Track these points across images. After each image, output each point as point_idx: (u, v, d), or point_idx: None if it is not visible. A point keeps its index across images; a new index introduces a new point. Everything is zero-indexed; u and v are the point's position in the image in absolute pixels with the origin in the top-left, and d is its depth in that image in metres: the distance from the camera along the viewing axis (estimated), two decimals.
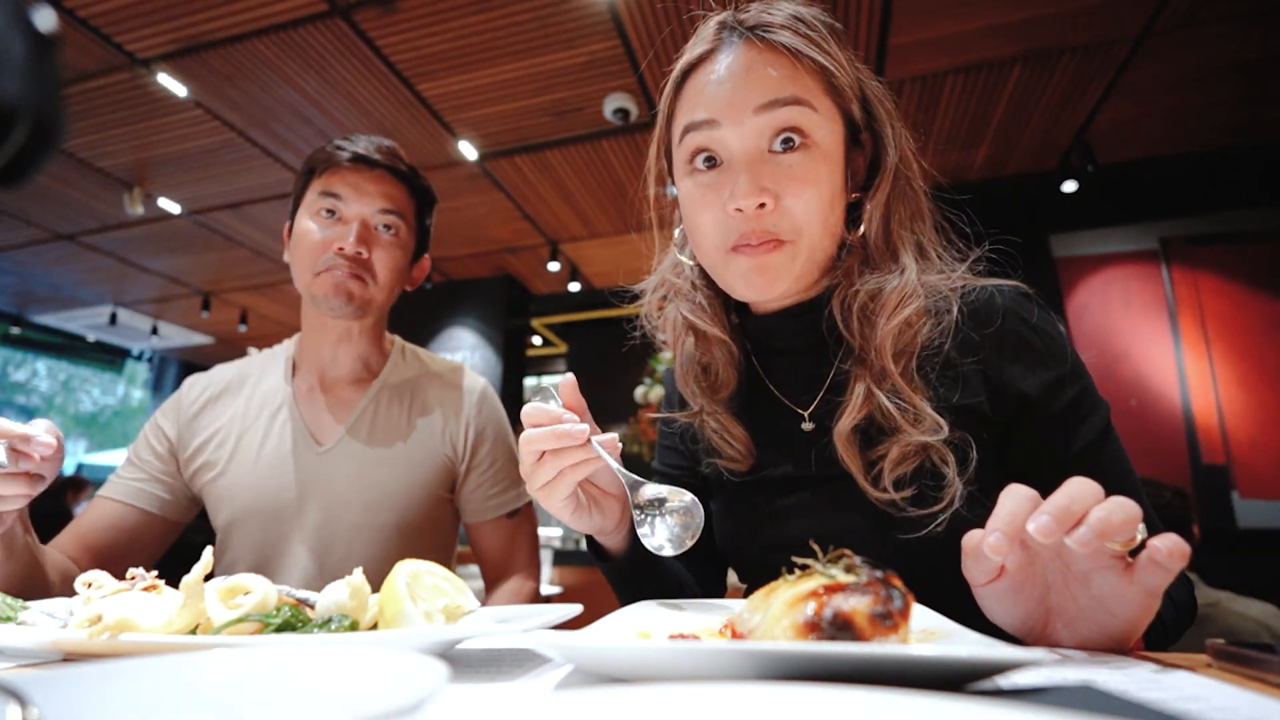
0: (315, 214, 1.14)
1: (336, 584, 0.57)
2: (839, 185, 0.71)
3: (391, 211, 1.16)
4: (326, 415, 1.17)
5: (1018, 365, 0.70)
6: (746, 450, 0.80)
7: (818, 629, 0.38)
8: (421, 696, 0.24)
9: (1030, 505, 0.46)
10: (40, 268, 5.85)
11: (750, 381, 0.83)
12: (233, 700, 0.30)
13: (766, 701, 0.24)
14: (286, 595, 0.57)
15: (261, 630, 0.52)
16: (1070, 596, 0.49)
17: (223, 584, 0.55)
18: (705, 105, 0.70)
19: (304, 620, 0.54)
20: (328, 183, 1.14)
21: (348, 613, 0.55)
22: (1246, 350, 4.04)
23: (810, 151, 0.68)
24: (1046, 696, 0.35)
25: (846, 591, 0.39)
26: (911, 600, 0.39)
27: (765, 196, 0.67)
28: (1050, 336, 0.72)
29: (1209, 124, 3.83)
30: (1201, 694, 0.35)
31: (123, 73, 3.36)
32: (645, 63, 3.30)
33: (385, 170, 1.16)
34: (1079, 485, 0.46)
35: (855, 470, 0.69)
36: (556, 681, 0.46)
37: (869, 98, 0.73)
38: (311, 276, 1.14)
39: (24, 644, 0.48)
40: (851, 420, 0.69)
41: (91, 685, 0.28)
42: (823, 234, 0.71)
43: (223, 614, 0.52)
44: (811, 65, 0.68)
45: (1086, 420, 0.70)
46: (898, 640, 0.37)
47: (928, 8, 2.96)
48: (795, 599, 0.40)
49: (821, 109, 0.69)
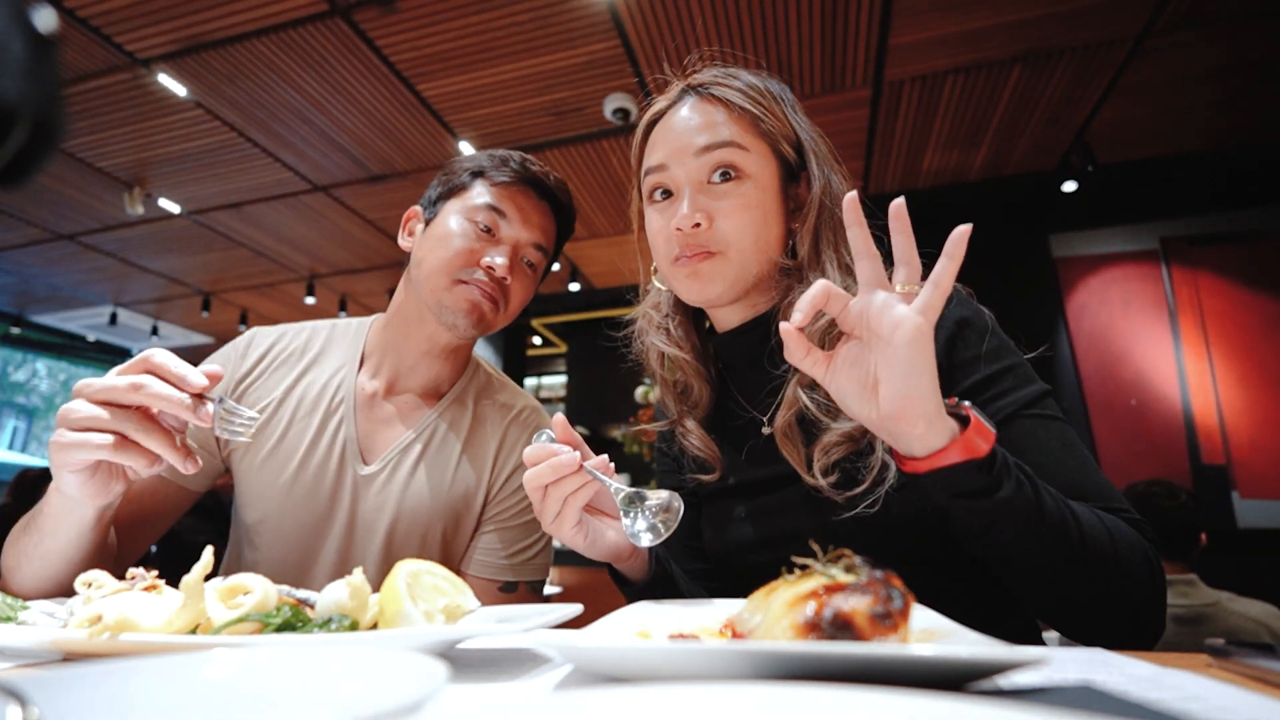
0: (471, 220, 1.07)
1: (336, 584, 0.57)
2: (772, 211, 0.84)
3: (541, 247, 1.11)
4: (382, 431, 1.09)
5: (938, 338, 0.76)
6: (715, 458, 0.90)
7: (818, 629, 0.38)
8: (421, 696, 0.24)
9: (822, 290, 0.60)
10: (40, 268, 5.85)
11: (721, 395, 0.95)
12: (233, 700, 0.30)
13: (767, 702, 0.24)
14: (287, 595, 0.57)
15: (261, 630, 0.52)
16: (881, 354, 0.58)
17: (223, 584, 0.55)
18: (660, 152, 0.87)
19: (304, 620, 0.54)
20: (498, 196, 1.08)
21: (348, 613, 0.55)
22: (1246, 350, 4.04)
23: (742, 182, 0.83)
24: (1046, 696, 0.35)
25: (846, 591, 0.39)
26: (912, 600, 0.39)
27: (700, 217, 0.81)
28: (968, 322, 0.78)
29: (1209, 124, 3.83)
30: (1201, 694, 0.35)
31: (123, 73, 3.37)
32: (645, 63, 3.31)
33: (550, 204, 1.12)
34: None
35: (795, 463, 0.79)
36: (556, 681, 0.46)
37: (801, 141, 0.87)
38: (448, 282, 1.05)
39: (24, 644, 0.48)
40: (783, 418, 0.80)
41: (91, 685, 0.28)
42: (753, 249, 0.83)
43: (223, 614, 0.52)
44: (744, 114, 0.84)
45: (1002, 396, 0.74)
46: (897, 640, 0.37)
47: (928, 8, 2.96)
48: (795, 599, 0.40)
49: (753, 149, 0.83)
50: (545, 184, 1.10)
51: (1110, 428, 4.15)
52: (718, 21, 3.03)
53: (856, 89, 3.52)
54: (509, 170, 1.08)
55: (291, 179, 4.41)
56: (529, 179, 1.09)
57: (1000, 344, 0.77)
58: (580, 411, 6.69)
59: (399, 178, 4.41)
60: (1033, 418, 0.73)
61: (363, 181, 4.45)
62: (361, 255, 5.66)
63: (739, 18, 2.99)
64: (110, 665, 0.29)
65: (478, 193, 1.08)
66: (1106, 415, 4.16)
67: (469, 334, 1.07)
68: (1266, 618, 1.75)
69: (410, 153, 4.12)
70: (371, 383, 1.11)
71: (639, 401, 3.26)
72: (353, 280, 6.21)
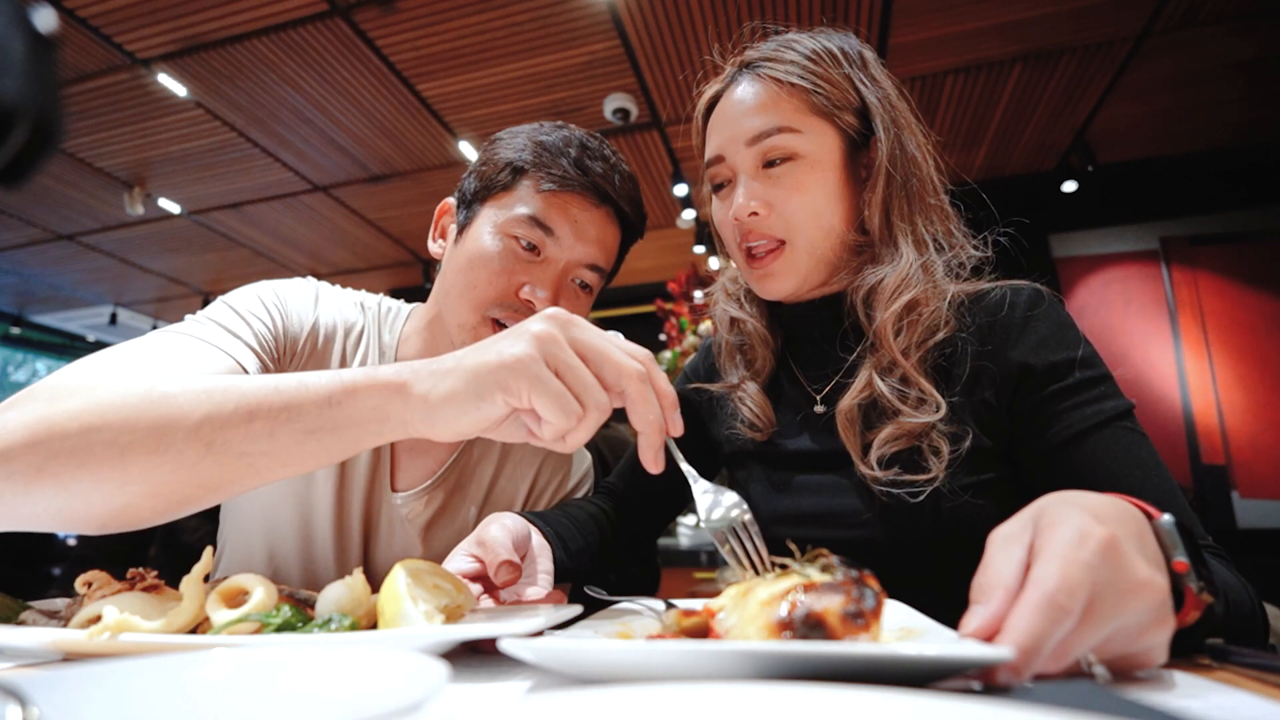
0: (511, 236, 0.86)
1: (336, 584, 0.57)
2: (834, 188, 0.80)
3: (597, 268, 0.90)
4: (415, 456, 0.96)
5: (1022, 346, 0.74)
6: (768, 423, 0.88)
7: (790, 628, 0.38)
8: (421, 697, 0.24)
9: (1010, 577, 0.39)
10: (40, 268, 5.84)
11: (780, 364, 0.94)
12: (232, 700, 0.30)
13: (753, 701, 0.24)
14: (286, 595, 0.57)
15: (261, 630, 0.51)
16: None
17: (224, 584, 0.55)
18: (714, 143, 0.85)
19: (304, 620, 0.54)
20: (545, 208, 0.85)
21: (347, 612, 0.55)
22: (1246, 350, 4.04)
23: (796, 163, 0.79)
24: (1043, 693, 0.35)
25: (820, 591, 0.39)
26: (884, 599, 0.40)
27: (757, 205, 0.80)
28: (1059, 323, 0.75)
29: (1209, 124, 3.83)
30: (1201, 693, 0.35)
31: (123, 73, 3.36)
32: (645, 63, 3.31)
33: (615, 211, 0.90)
34: (990, 566, 0.40)
35: (851, 447, 0.76)
36: (555, 682, 0.46)
37: (867, 106, 0.81)
38: (478, 319, 0.86)
39: (24, 644, 0.48)
40: (852, 400, 0.76)
41: (92, 685, 0.28)
42: (818, 231, 0.80)
43: (223, 614, 0.52)
44: (795, 90, 0.79)
45: (1096, 402, 0.70)
46: (869, 639, 0.37)
47: (928, 8, 2.96)
48: (770, 599, 0.41)
49: (807, 128, 0.79)
50: (606, 190, 0.87)
51: None
52: (718, 21, 3.03)
53: None
54: (560, 169, 0.86)
55: (291, 179, 4.41)
56: (591, 185, 0.86)
57: (1094, 352, 0.74)
58: None
59: (399, 178, 4.41)
60: (1125, 429, 0.69)
61: (363, 181, 4.45)
62: (361, 255, 5.66)
63: (739, 18, 2.99)
64: (110, 665, 0.29)
65: (520, 198, 0.86)
66: None
67: None
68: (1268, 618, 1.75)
69: (410, 153, 4.12)
70: None
71: None
72: (353, 280, 6.19)
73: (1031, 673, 0.35)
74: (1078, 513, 0.40)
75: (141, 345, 0.70)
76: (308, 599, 0.58)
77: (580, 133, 0.92)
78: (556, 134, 0.90)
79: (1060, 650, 0.36)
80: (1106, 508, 0.42)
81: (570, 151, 0.87)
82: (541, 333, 0.53)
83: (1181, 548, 0.43)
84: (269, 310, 0.86)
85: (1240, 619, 0.56)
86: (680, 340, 3.08)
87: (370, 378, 0.56)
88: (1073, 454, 0.69)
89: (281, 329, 0.87)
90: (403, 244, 5.40)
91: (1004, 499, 0.72)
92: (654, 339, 3.51)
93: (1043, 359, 0.72)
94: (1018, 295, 0.77)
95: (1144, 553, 0.40)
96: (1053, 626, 0.35)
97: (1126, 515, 0.43)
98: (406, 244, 5.38)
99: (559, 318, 0.55)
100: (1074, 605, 0.35)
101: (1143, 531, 0.43)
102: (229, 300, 0.84)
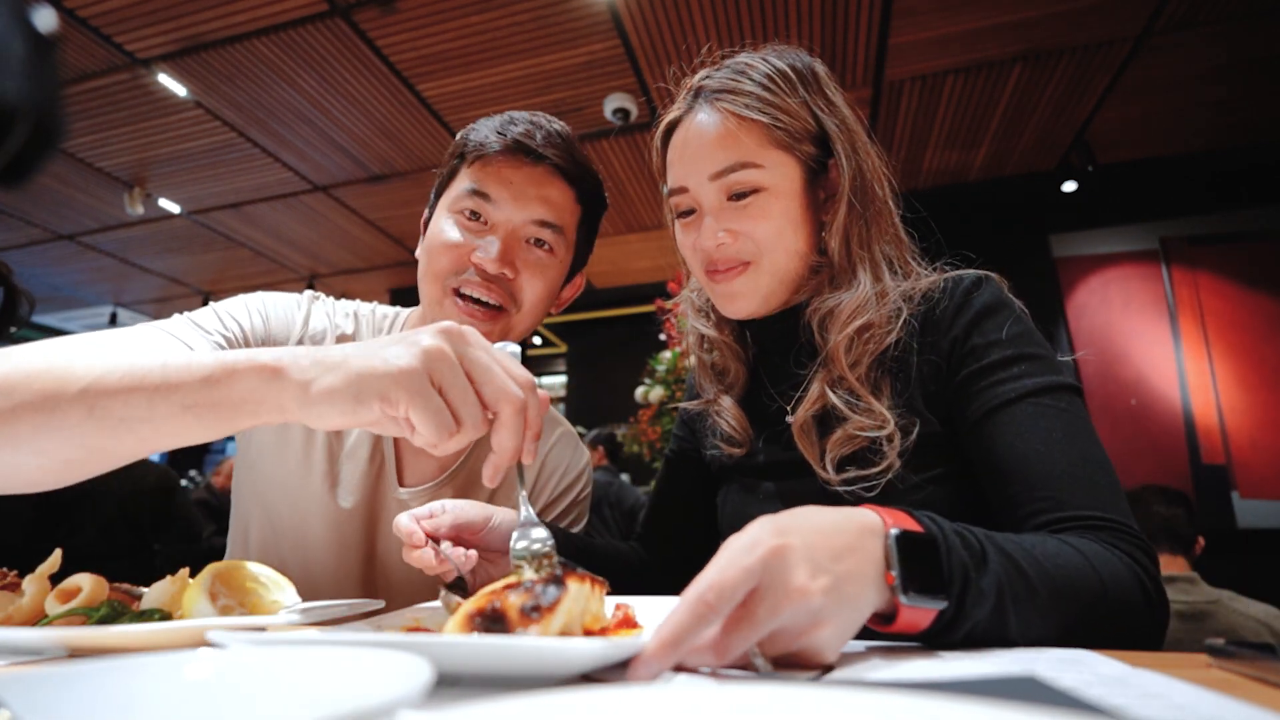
0: (457, 212, 0.92)
1: (162, 581, 0.64)
2: (796, 215, 0.82)
3: (548, 224, 0.92)
4: (419, 455, 0.98)
5: (954, 329, 0.76)
6: (745, 436, 0.91)
7: (479, 618, 0.42)
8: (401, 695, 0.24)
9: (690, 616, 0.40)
10: (40, 268, 5.85)
11: (752, 376, 0.95)
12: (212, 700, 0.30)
13: (753, 702, 0.24)
14: (123, 591, 0.65)
15: (86, 622, 0.58)
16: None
17: (63, 584, 0.63)
18: (678, 175, 0.85)
19: (124, 611, 0.61)
20: (478, 176, 0.91)
21: (165, 607, 0.62)
22: (1246, 350, 4.04)
23: (761, 195, 0.81)
24: (985, 687, 0.37)
25: (514, 589, 0.43)
26: (564, 596, 0.42)
27: (724, 236, 0.81)
28: (992, 305, 0.76)
29: (1209, 124, 3.83)
30: (1163, 692, 0.35)
31: (123, 73, 3.37)
32: (645, 63, 3.31)
33: (551, 166, 0.92)
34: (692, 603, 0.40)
35: (809, 456, 0.80)
36: None
37: (827, 134, 0.82)
38: (440, 293, 0.92)
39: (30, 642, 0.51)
40: (805, 412, 0.80)
41: (67, 686, 0.28)
42: (783, 255, 0.82)
43: (55, 608, 0.60)
44: (754, 126, 0.80)
45: (1012, 380, 0.71)
46: (539, 631, 0.41)
47: (928, 8, 2.96)
48: (483, 596, 0.44)
49: (768, 162, 0.80)
50: (532, 145, 0.90)
51: (1110, 428, 4.14)
52: (718, 21, 3.03)
53: (856, 89, 3.52)
54: (484, 139, 0.91)
55: (291, 179, 4.41)
56: (514, 144, 0.89)
57: (1023, 332, 0.74)
58: (580, 411, 6.68)
59: (399, 178, 4.41)
60: (1036, 405, 0.68)
61: (363, 181, 4.45)
62: (361, 255, 5.66)
63: (739, 18, 2.99)
64: (87, 665, 0.29)
65: (461, 177, 0.93)
66: (1106, 415, 4.16)
67: None
68: (1268, 618, 1.75)
69: (410, 153, 4.12)
70: None
71: (639, 401, 3.26)
72: (353, 280, 6.21)
73: (671, 663, 0.39)
74: (765, 524, 0.44)
75: (107, 332, 0.76)
76: (138, 594, 0.66)
77: (515, 112, 0.96)
78: (496, 118, 0.95)
79: (722, 646, 0.40)
80: (815, 521, 0.46)
81: (495, 125, 0.93)
82: (430, 347, 0.54)
83: (896, 561, 0.47)
84: (250, 316, 0.91)
85: (1041, 607, 0.53)
86: (680, 340, 3.08)
87: (250, 359, 0.56)
88: (980, 432, 0.71)
89: (262, 333, 0.90)
90: (403, 244, 5.40)
91: (960, 488, 0.74)
92: (654, 339, 3.51)
93: (969, 340, 0.75)
94: (959, 283, 0.79)
95: (815, 562, 0.43)
96: (697, 622, 0.39)
97: (841, 529, 0.47)
98: (406, 244, 5.38)
99: (452, 332, 0.57)
100: (721, 605, 0.39)
101: (857, 545, 0.47)
102: (216, 304, 0.91)
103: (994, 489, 0.70)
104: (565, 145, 0.94)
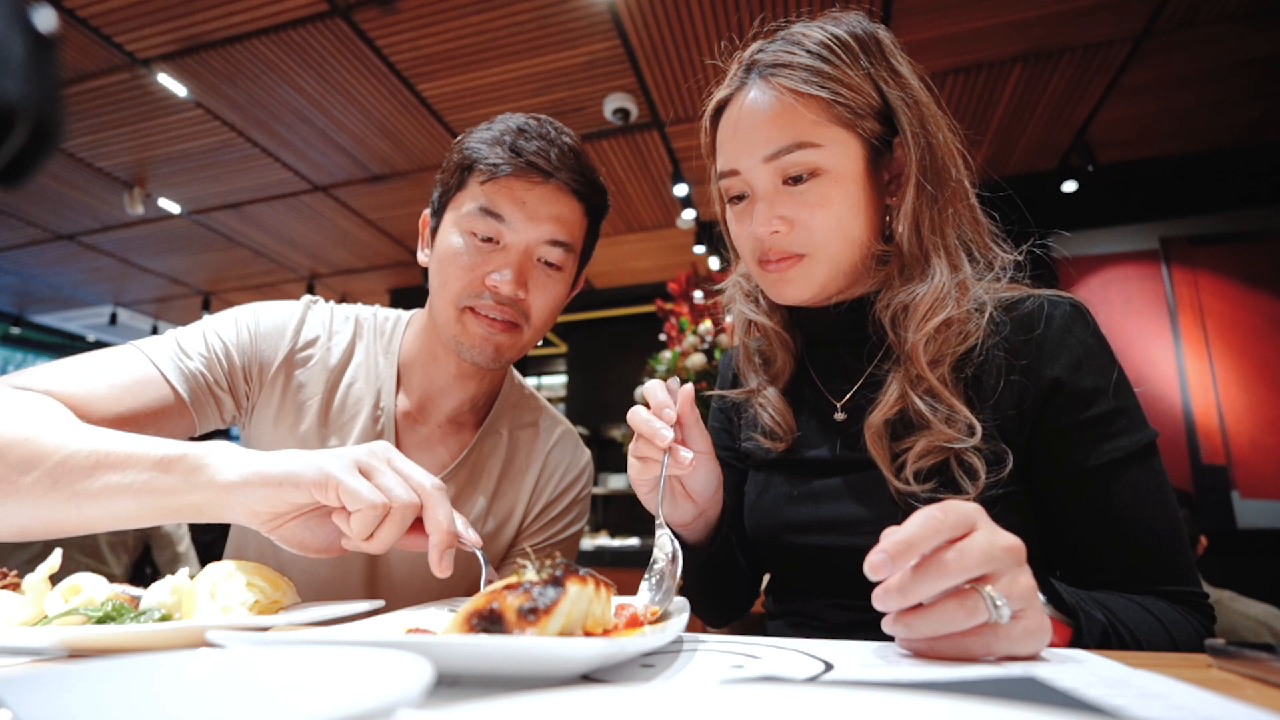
0: (468, 232, 0.91)
1: (163, 580, 0.65)
2: (857, 200, 0.76)
3: (560, 243, 0.92)
4: (421, 455, 0.99)
5: (1057, 365, 0.72)
6: (788, 430, 0.85)
7: (473, 620, 0.42)
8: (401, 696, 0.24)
9: (927, 529, 0.47)
10: (40, 268, 5.85)
11: (798, 369, 0.91)
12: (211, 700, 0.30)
13: (752, 703, 0.24)
14: (121, 592, 0.65)
15: (85, 622, 0.60)
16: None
17: (65, 583, 0.64)
18: (729, 157, 0.79)
19: (124, 612, 0.61)
20: (490, 196, 0.89)
21: (166, 608, 0.63)
22: (1246, 350, 4.04)
23: (820, 179, 0.74)
24: (986, 686, 0.36)
25: (513, 590, 0.43)
26: (562, 598, 0.43)
27: (779, 224, 0.76)
28: (1095, 348, 0.73)
29: (1209, 124, 3.83)
30: (1164, 693, 0.35)
31: (123, 73, 3.36)
32: (645, 63, 3.31)
33: (561, 184, 0.91)
34: (925, 517, 0.47)
35: (880, 461, 0.74)
36: None
37: (892, 108, 0.75)
38: (455, 311, 0.92)
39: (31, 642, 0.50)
40: (883, 415, 0.74)
41: (67, 686, 0.28)
42: (842, 245, 0.76)
43: (56, 608, 0.61)
44: (811, 101, 0.73)
45: (1117, 437, 0.69)
46: (536, 632, 0.41)
47: (928, 8, 2.96)
48: (484, 596, 0.44)
49: (827, 140, 0.74)
50: (545, 166, 0.89)
51: None
52: (717, 21, 3.03)
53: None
54: (496, 157, 0.89)
55: (291, 179, 4.41)
56: (527, 165, 0.89)
57: (1121, 380, 0.72)
58: (580, 412, 6.68)
59: (399, 178, 4.41)
60: (1145, 468, 0.69)
61: (363, 181, 4.45)
62: (361, 255, 5.66)
63: (739, 18, 2.99)
64: (87, 665, 0.29)
65: (470, 195, 0.92)
66: None
67: (493, 367, 0.96)
68: (1268, 618, 1.75)
69: (410, 153, 4.12)
70: (404, 400, 1.01)
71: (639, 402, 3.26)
72: (353, 280, 6.21)
73: (905, 565, 0.45)
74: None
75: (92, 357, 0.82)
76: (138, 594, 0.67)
77: (520, 118, 0.94)
78: (497, 125, 0.94)
79: (912, 584, 0.45)
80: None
81: (506, 138, 0.91)
82: (360, 454, 0.65)
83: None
84: (239, 331, 0.93)
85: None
86: (680, 340, 3.08)
87: (183, 452, 0.65)
88: (1083, 485, 0.70)
89: (249, 349, 0.94)
90: (402, 244, 5.40)
91: (1024, 514, 0.72)
92: (654, 339, 3.51)
93: (1075, 382, 0.71)
94: (1055, 309, 0.74)
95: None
96: (931, 533, 0.45)
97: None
98: (406, 244, 5.38)
99: (379, 450, 0.66)
100: (949, 519, 0.46)
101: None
102: (206, 320, 0.94)
103: (1086, 540, 0.71)
104: (577, 162, 0.94)
